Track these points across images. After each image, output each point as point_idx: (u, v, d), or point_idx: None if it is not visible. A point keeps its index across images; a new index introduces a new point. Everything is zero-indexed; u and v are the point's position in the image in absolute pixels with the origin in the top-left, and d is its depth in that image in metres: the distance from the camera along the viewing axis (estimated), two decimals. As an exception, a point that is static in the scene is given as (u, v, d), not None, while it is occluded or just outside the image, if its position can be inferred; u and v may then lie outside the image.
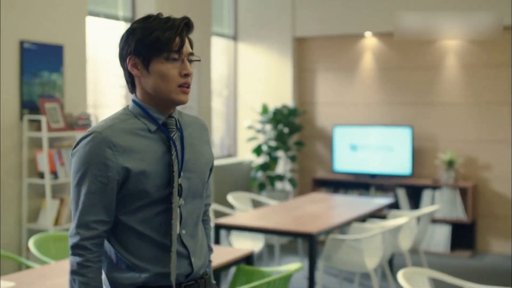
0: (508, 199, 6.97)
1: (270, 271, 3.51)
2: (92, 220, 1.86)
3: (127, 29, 1.97)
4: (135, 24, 1.94)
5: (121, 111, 2.01)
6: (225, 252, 3.78)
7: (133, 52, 1.94)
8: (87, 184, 1.86)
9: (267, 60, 7.94)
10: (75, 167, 1.88)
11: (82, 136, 1.90)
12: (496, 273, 6.22)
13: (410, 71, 7.42)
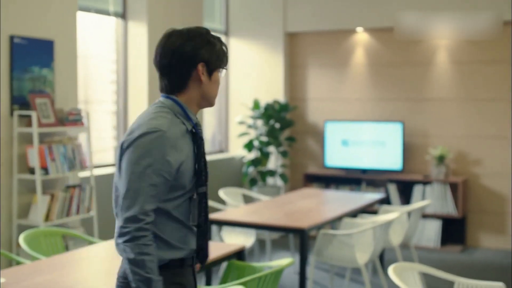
0: (498, 195, 7.01)
1: (261, 266, 3.51)
2: (151, 209, 2.06)
3: (195, 36, 2.16)
4: (205, 36, 2.18)
5: (162, 108, 2.16)
6: (216, 247, 3.78)
7: (205, 60, 2.16)
8: (150, 177, 2.05)
9: (259, 56, 7.93)
10: (139, 158, 2.05)
11: (146, 130, 2.07)
12: (486, 268, 6.25)
13: (401, 67, 7.43)
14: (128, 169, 2.06)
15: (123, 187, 2.06)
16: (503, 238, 7.00)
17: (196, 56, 2.14)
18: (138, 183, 2.04)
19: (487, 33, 6.78)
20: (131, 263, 2.02)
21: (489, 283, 3.22)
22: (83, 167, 5.02)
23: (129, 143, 2.08)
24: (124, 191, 2.05)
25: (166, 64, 2.16)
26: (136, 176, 2.05)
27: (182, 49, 2.14)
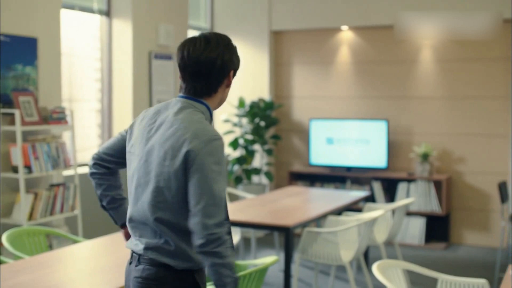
0: (482, 192, 7.06)
1: (246, 264, 3.52)
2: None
3: (228, 45, 2.29)
4: (231, 43, 2.31)
5: (198, 113, 2.22)
6: (201, 245, 3.78)
7: (234, 67, 2.32)
8: (223, 183, 2.13)
9: (244, 54, 7.93)
10: (215, 164, 2.11)
11: (212, 137, 2.14)
12: (470, 265, 6.30)
13: (386, 65, 7.46)
14: (211, 175, 2.10)
15: (205, 192, 2.08)
16: (486, 235, 7.06)
17: (231, 64, 2.28)
18: (219, 189, 2.10)
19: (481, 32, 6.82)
20: (223, 267, 2.08)
21: (472, 280, 3.24)
22: (67, 165, 5.00)
23: (200, 149, 2.11)
24: (210, 198, 2.08)
25: (204, 70, 2.21)
26: (217, 182, 2.10)
27: (222, 57, 2.24)
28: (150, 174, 2.18)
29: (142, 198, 2.20)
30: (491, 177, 6.95)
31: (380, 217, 5.53)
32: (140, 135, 2.27)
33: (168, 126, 2.18)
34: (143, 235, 2.21)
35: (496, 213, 6.94)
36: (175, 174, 2.12)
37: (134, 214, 2.24)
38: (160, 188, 2.15)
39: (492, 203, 7.00)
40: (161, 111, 2.27)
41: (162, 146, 2.16)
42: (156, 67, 6.26)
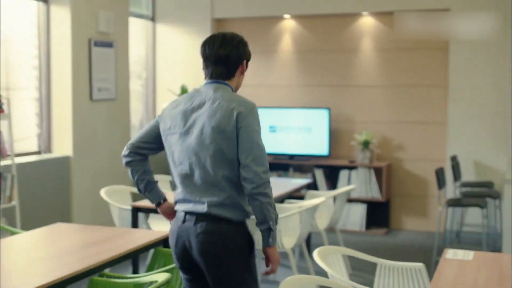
0: (420, 178, 7.23)
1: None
2: None
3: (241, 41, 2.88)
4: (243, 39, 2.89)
5: (231, 91, 2.79)
6: (143, 235, 3.76)
7: (246, 58, 2.87)
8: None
9: (186, 42, 7.87)
10: (258, 124, 2.71)
11: (253, 104, 2.72)
12: (409, 250, 6.45)
13: (328, 54, 7.53)
14: (253, 133, 2.64)
15: (252, 146, 2.62)
16: (425, 221, 7.24)
17: (244, 55, 2.84)
18: (263, 144, 2.66)
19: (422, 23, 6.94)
20: (269, 205, 2.62)
21: (409, 264, 3.32)
22: (4, 155, 4.87)
23: (247, 114, 2.66)
24: (256, 150, 2.62)
25: (225, 55, 2.79)
26: (260, 139, 2.66)
27: (237, 49, 2.82)
28: (206, 141, 2.66)
29: (202, 163, 2.66)
30: (429, 164, 7.12)
31: (322, 204, 5.59)
32: (179, 117, 2.75)
33: (212, 102, 2.70)
34: (204, 195, 2.66)
35: (434, 199, 7.11)
36: (230, 135, 2.63)
37: (194, 179, 2.69)
38: (220, 150, 2.63)
39: (430, 189, 7.17)
40: (194, 95, 2.79)
41: (213, 117, 2.66)
42: (97, 55, 6.15)
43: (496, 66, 6.78)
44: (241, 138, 2.63)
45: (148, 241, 3.55)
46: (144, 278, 2.97)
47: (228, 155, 2.64)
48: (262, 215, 2.61)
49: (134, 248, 3.43)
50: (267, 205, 2.61)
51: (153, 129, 2.89)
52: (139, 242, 3.50)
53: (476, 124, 6.88)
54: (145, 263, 5.32)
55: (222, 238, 2.65)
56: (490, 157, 6.86)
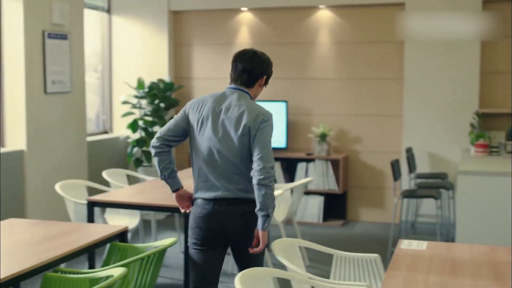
0: (376, 170, 7.32)
1: (145, 246, 3.48)
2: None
3: (266, 60, 3.38)
4: (269, 59, 3.41)
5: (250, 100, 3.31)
6: (98, 229, 3.72)
7: (268, 75, 3.38)
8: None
9: (143, 34, 7.80)
10: (271, 131, 3.23)
11: (270, 115, 3.25)
12: (365, 240, 6.53)
13: (285, 47, 7.55)
14: (267, 136, 3.19)
15: (265, 146, 3.14)
16: (381, 212, 7.33)
17: (265, 71, 3.35)
18: (271, 146, 3.18)
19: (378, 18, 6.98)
20: (271, 196, 3.10)
21: (365, 255, 3.36)
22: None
23: (265, 121, 3.19)
24: (267, 150, 3.14)
25: (250, 68, 3.31)
26: (270, 142, 3.20)
27: (262, 64, 3.34)
28: (232, 140, 3.20)
29: (227, 157, 3.21)
30: (386, 156, 7.21)
31: (279, 197, 5.62)
32: (209, 116, 3.25)
33: (237, 109, 3.22)
34: (230, 183, 3.23)
35: (389, 190, 7.21)
36: (250, 137, 3.17)
37: (219, 171, 3.22)
38: (242, 148, 3.19)
39: (386, 181, 7.27)
40: (220, 98, 3.31)
41: (238, 120, 3.20)
42: (51, 47, 6.04)
43: (450, 59, 6.89)
44: (257, 138, 3.16)
45: (104, 236, 3.53)
46: (99, 273, 2.94)
47: (247, 152, 3.20)
48: (264, 203, 3.09)
49: (90, 242, 3.39)
50: (269, 196, 3.09)
51: (180, 123, 3.33)
52: (95, 237, 3.47)
53: (431, 116, 6.99)
54: (101, 259, 5.27)
55: (251, 215, 3.20)
56: (444, 149, 6.99)
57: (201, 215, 3.28)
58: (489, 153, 6.13)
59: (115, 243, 3.52)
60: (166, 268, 5.50)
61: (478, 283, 2.63)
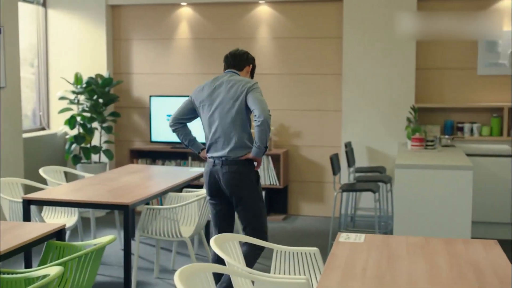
0: (316, 165, 7.39)
1: (82, 244, 3.43)
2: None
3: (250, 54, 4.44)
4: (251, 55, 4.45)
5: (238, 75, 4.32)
6: (35, 228, 3.63)
7: (253, 64, 4.42)
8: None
9: (80, 28, 7.65)
10: (260, 92, 4.16)
11: (255, 81, 4.20)
12: (306, 234, 6.59)
13: (225, 42, 7.54)
14: (259, 96, 4.10)
15: (261, 102, 4.09)
16: (321, 206, 7.42)
17: (251, 61, 4.39)
18: (265, 101, 4.13)
19: (316, 13, 7.03)
20: (267, 134, 4.08)
21: (304, 249, 3.39)
22: None
23: (252, 86, 4.13)
24: (264, 104, 4.09)
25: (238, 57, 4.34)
26: (262, 97, 4.13)
27: (247, 55, 4.39)
28: (227, 108, 4.15)
29: (225, 121, 4.15)
30: (326, 150, 7.30)
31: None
32: (207, 95, 4.23)
33: (227, 83, 4.19)
34: (226, 145, 4.16)
35: (330, 184, 7.30)
36: (242, 102, 4.11)
37: (221, 134, 4.17)
38: (239, 111, 4.13)
39: (326, 175, 7.36)
40: (216, 80, 4.25)
41: (228, 92, 4.15)
42: (-17, 41, 5.86)
43: (388, 55, 7.02)
44: (251, 97, 4.08)
45: (40, 234, 3.45)
46: (35, 273, 2.88)
47: (242, 115, 4.14)
48: (262, 138, 4.08)
49: (26, 241, 3.31)
50: (266, 133, 4.07)
51: (187, 106, 4.35)
52: (31, 236, 3.39)
53: (369, 111, 7.11)
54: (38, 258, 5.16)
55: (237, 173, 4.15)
56: (382, 143, 7.12)
57: (206, 171, 4.25)
58: (425, 147, 6.28)
59: (52, 242, 3.45)
60: (106, 266, 5.43)
61: (414, 274, 2.68)
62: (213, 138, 4.19)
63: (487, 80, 7.04)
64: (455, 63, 7.10)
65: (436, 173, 5.23)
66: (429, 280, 2.60)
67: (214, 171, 4.18)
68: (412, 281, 2.58)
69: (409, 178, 5.28)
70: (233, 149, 4.15)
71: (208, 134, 4.23)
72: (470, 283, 2.55)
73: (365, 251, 3.02)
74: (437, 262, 2.84)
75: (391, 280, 2.59)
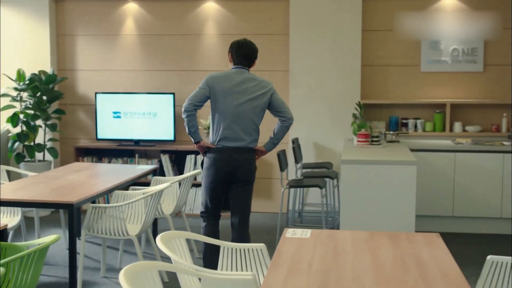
0: (266, 161, 7.42)
1: (26, 245, 3.36)
2: None
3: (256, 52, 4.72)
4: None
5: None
6: (-26, 228, 3.54)
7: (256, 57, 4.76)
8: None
9: (22, 24, 7.48)
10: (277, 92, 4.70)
11: (271, 82, 4.68)
12: (255, 231, 6.57)
13: (171, 38, 7.49)
14: (281, 98, 4.65)
15: (286, 105, 4.66)
16: (270, 202, 7.45)
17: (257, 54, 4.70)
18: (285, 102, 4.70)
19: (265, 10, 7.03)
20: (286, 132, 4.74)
21: (251, 245, 3.40)
22: None
23: (273, 88, 4.63)
24: (285, 104, 4.64)
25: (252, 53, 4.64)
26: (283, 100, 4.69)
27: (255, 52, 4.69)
28: (253, 103, 4.53)
29: (252, 115, 4.55)
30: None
31: (167, 189, 5.59)
32: (232, 86, 4.52)
33: (253, 80, 4.57)
34: (245, 136, 4.55)
35: (277, 181, 7.34)
36: (267, 101, 4.59)
37: (244, 123, 4.53)
38: (262, 109, 4.59)
39: (274, 172, 7.39)
40: (236, 74, 4.57)
41: (254, 88, 4.55)
42: None
43: (334, 52, 7.09)
44: (276, 98, 4.61)
45: (-19, 235, 3.36)
46: (-25, 274, 2.80)
47: (263, 113, 4.62)
48: (281, 137, 4.68)
49: None
50: (285, 134, 4.70)
51: (204, 93, 4.51)
52: (-29, 236, 3.30)
53: (316, 107, 7.17)
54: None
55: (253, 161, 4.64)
56: (328, 139, 7.19)
57: (218, 159, 4.53)
58: (371, 142, 6.37)
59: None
60: (51, 266, 5.33)
61: (359, 267, 2.72)
62: (237, 127, 4.52)
63: (430, 77, 7.19)
64: (399, 60, 7.22)
65: (382, 168, 5.31)
66: (373, 273, 2.64)
67: (234, 157, 4.52)
68: (357, 275, 2.62)
69: (355, 173, 5.35)
70: (253, 141, 4.59)
71: (231, 123, 4.51)
72: (413, 275, 2.60)
73: (311, 246, 3.05)
74: (381, 256, 2.89)
75: (336, 274, 2.63)
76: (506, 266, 2.93)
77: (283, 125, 4.60)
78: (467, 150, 6.44)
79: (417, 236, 3.24)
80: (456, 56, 7.09)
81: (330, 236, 3.29)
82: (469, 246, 6.02)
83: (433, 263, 2.77)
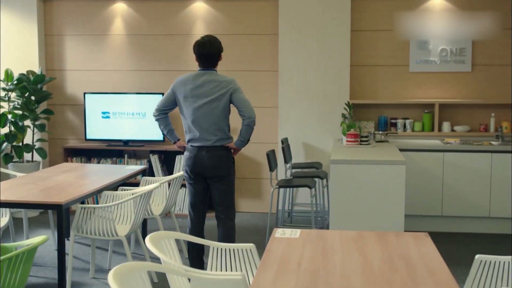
0: (254, 162, 7.42)
1: (13, 245, 3.34)
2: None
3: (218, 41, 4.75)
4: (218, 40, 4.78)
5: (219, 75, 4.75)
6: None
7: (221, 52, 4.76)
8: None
9: (9, 23, 7.45)
10: (242, 91, 4.72)
11: (234, 80, 4.73)
12: (245, 231, 6.61)
13: (160, 38, 7.47)
14: (243, 96, 4.67)
15: (247, 103, 4.67)
16: (259, 202, 7.45)
17: (221, 50, 4.72)
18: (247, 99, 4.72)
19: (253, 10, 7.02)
20: (250, 133, 4.74)
21: (241, 245, 3.40)
22: None
23: (234, 87, 4.67)
24: (250, 104, 4.68)
25: (211, 56, 4.67)
26: (245, 95, 4.69)
27: (218, 48, 4.70)
28: (211, 105, 4.63)
29: (211, 117, 4.63)
30: (263, 147, 7.33)
31: (156, 190, 5.58)
32: (190, 90, 4.65)
33: (212, 82, 4.64)
34: (210, 136, 4.66)
35: (267, 181, 7.34)
36: (227, 101, 4.65)
37: (204, 125, 4.63)
38: (224, 108, 4.66)
39: (264, 171, 7.40)
40: (197, 77, 4.68)
41: (212, 90, 4.63)
42: None
43: (323, 52, 7.10)
44: (236, 97, 4.64)
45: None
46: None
47: (224, 112, 4.68)
48: (247, 134, 4.72)
49: None
50: (251, 130, 4.72)
51: (170, 98, 4.78)
52: (-42, 238, 3.28)
53: (305, 107, 7.18)
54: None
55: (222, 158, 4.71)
56: (318, 139, 7.20)
57: (189, 157, 4.71)
58: (360, 142, 6.39)
59: (-19, 243, 3.35)
60: (40, 267, 5.31)
61: (347, 267, 2.73)
62: (198, 129, 4.65)
63: (419, 77, 7.22)
64: (388, 60, 7.25)
65: (371, 168, 5.33)
66: (362, 272, 2.65)
67: (200, 156, 4.66)
68: (345, 274, 2.63)
69: (344, 173, 5.36)
70: (219, 140, 4.68)
71: (192, 125, 4.66)
72: (401, 275, 2.61)
73: (300, 246, 3.05)
74: (370, 255, 2.90)
75: (325, 274, 2.63)
76: (495, 265, 2.95)
77: (244, 123, 4.68)
78: (456, 150, 6.48)
79: (406, 236, 3.25)
80: (444, 56, 7.12)
81: (319, 236, 3.29)
82: (457, 246, 6.05)
83: (422, 263, 2.78)
